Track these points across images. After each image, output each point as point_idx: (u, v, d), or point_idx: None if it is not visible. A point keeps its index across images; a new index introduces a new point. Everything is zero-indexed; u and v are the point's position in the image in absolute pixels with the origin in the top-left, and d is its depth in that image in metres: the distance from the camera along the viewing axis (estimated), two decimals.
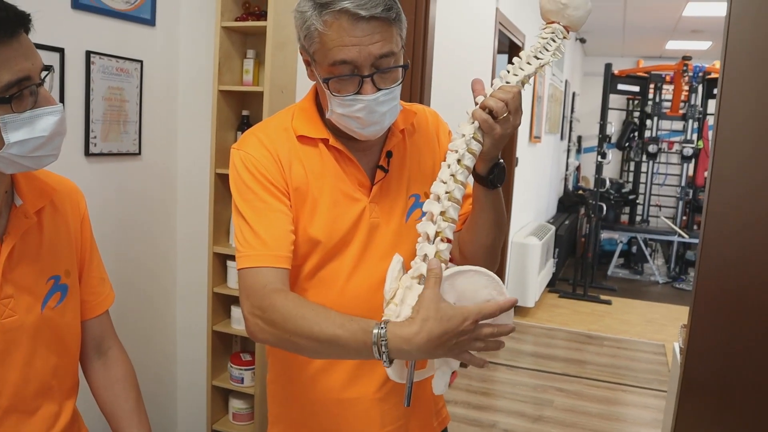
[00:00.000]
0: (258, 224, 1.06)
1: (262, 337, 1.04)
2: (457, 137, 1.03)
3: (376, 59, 1.01)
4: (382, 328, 0.91)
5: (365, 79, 1.02)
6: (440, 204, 1.00)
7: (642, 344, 4.86)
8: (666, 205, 8.17)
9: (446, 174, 1.01)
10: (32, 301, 1.04)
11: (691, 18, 6.34)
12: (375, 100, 1.04)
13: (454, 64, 3.38)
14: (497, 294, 0.97)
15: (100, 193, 2.04)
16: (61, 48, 1.84)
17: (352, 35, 0.99)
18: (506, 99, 1.01)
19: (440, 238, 0.99)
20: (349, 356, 1.04)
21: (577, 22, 1.11)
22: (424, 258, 0.98)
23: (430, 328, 0.89)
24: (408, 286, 0.97)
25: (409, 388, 1.01)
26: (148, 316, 2.32)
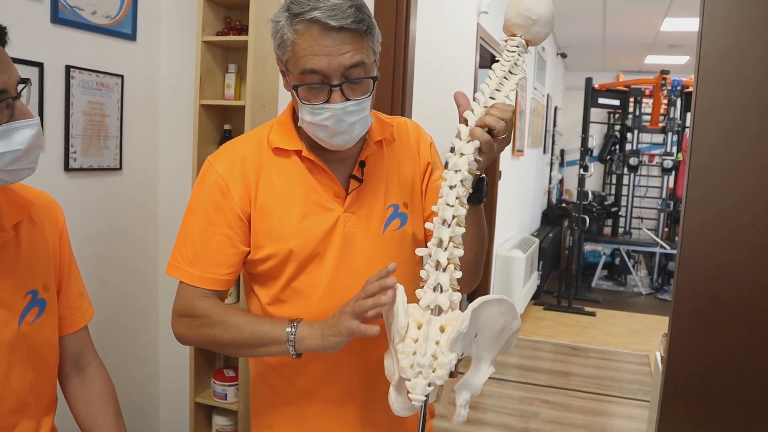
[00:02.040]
0: (199, 243, 1.12)
1: (184, 335, 1.15)
2: (455, 156, 1.00)
3: (345, 69, 1.03)
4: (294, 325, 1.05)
5: (334, 89, 1.03)
6: (449, 229, 0.97)
7: (626, 355, 4.88)
8: (648, 216, 8.26)
9: (452, 197, 0.98)
10: (9, 316, 1.02)
11: (668, 33, 6.46)
12: (343, 109, 1.04)
13: (436, 78, 3.41)
14: (512, 319, 0.96)
15: (80, 208, 2.02)
16: (41, 62, 1.83)
17: (322, 45, 1.01)
18: (506, 118, 1.01)
19: (453, 266, 0.96)
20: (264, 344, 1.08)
21: (540, 38, 1.11)
22: (436, 287, 0.96)
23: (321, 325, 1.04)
24: (427, 320, 0.93)
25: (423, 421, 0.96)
26: (129, 332, 2.30)
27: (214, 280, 1.12)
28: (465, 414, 0.95)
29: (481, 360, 0.96)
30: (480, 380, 0.96)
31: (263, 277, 1.16)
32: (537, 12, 1.07)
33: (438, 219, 0.98)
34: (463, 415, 0.95)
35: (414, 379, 0.90)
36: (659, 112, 7.48)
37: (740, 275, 1.59)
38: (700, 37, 1.66)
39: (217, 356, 2.32)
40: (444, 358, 0.90)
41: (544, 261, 6.55)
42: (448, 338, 0.90)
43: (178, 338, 1.16)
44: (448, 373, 0.90)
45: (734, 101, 1.60)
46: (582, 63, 8.87)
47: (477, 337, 0.94)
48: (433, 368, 0.90)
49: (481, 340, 0.94)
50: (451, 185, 0.99)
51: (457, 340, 0.89)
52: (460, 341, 0.90)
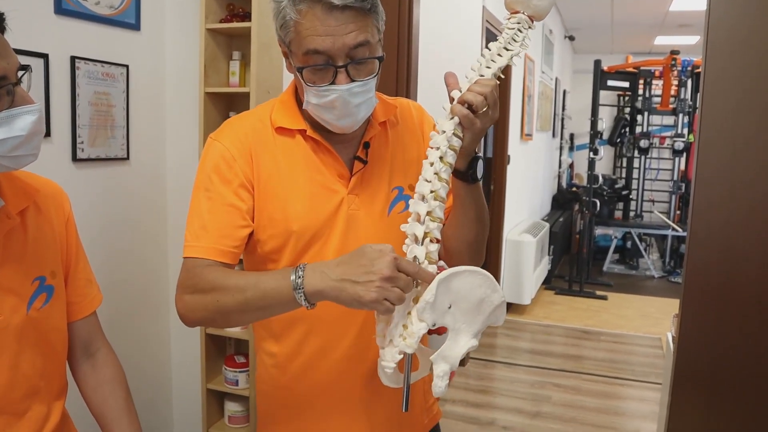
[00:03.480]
0: (207, 214, 1.08)
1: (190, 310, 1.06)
2: (437, 134, 1.02)
3: (350, 49, 1.01)
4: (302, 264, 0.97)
5: (339, 70, 1.02)
6: (426, 204, 0.99)
7: (638, 338, 4.87)
8: (659, 199, 8.20)
9: (430, 173, 1.00)
10: (18, 302, 1.03)
11: (678, 13, 6.37)
12: (348, 90, 1.03)
13: (441, 62, 3.39)
14: (491, 292, 0.96)
15: (88, 198, 2.03)
16: (45, 54, 1.84)
17: (325, 24, 0.99)
18: (485, 92, 1.00)
19: (429, 239, 0.98)
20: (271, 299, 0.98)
21: (542, 12, 1.10)
22: (414, 260, 0.97)
23: (342, 258, 0.95)
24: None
25: (407, 394, 0.99)
26: (141, 320, 2.32)
27: (221, 251, 1.07)
28: (443, 385, 0.96)
29: (459, 332, 0.96)
30: (457, 352, 0.96)
31: (264, 259, 1.14)
32: None
33: (417, 194, 1.00)
34: (440, 386, 0.96)
35: (385, 347, 0.95)
36: (669, 93, 7.41)
37: (750, 256, 1.58)
38: (708, 16, 1.64)
39: (227, 343, 2.33)
40: (413, 327, 0.93)
41: (555, 245, 6.53)
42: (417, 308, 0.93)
43: (183, 316, 1.08)
44: (417, 342, 0.93)
45: (743, 80, 1.59)
46: (590, 45, 8.78)
47: (452, 309, 0.94)
48: (403, 337, 0.94)
49: (457, 313, 0.95)
50: (430, 162, 1.00)
51: (424, 310, 0.92)
52: (428, 311, 0.92)
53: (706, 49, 1.64)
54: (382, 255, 0.91)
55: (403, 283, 0.92)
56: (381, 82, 1.12)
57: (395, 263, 0.91)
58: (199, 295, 1.04)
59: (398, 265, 0.91)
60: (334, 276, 0.93)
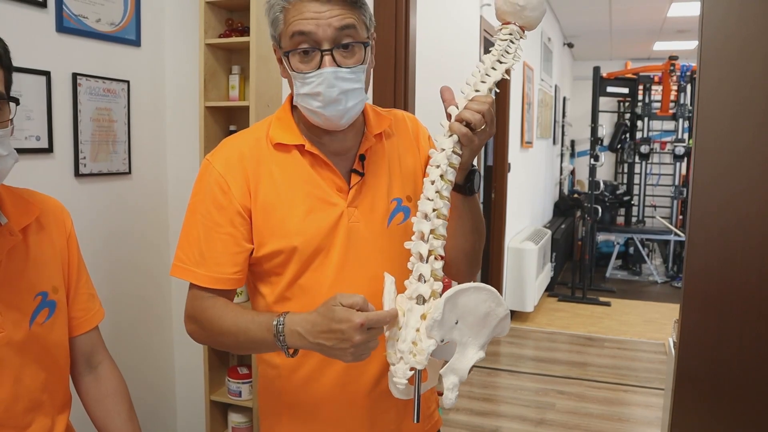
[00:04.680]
0: (204, 243, 1.13)
1: (196, 337, 1.17)
2: (436, 152, 1.03)
3: (335, 32, 1.04)
4: (282, 316, 1.02)
5: (325, 53, 1.04)
6: (429, 222, 1.00)
7: (642, 344, 4.86)
8: (661, 204, 8.20)
9: (431, 191, 1.01)
10: (20, 318, 1.05)
11: (676, 18, 6.41)
12: (334, 73, 1.04)
13: (439, 72, 3.41)
14: (496, 305, 0.98)
15: (91, 213, 2.05)
16: (47, 71, 1.86)
17: (311, 9, 1.03)
18: (482, 110, 1.02)
19: (434, 257, 1.00)
20: (260, 345, 1.08)
21: (533, 22, 1.11)
22: (420, 278, 0.99)
23: (314, 320, 0.98)
24: (409, 308, 0.98)
25: (417, 406, 1.00)
26: (144, 333, 2.33)
27: (221, 279, 1.13)
28: (453, 397, 0.99)
29: (466, 346, 0.99)
30: (466, 365, 0.99)
31: (267, 274, 1.17)
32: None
33: (420, 213, 1.02)
34: (450, 398, 0.99)
35: (396, 364, 0.97)
36: (669, 98, 7.43)
37: (749, 261, 1.59)
38: (702, 22, 1.66)
39: (230, 354, 2.34)
40: (422, 344, 0.95)
41: (557, 252, 6.53)
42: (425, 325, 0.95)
43: (193, 339, 1.18)
44: (427, 358, 0.95)
45: (738, 86, 1.60)
46: (589, 52, 8.82)
47: (458, 323, 0.96)
48: (414, 354, 0.95)
49: (464, 327, 0.97)
50: (431, 180, 1.02)
51: (432, 327, 0.94)
52: (436, 328, 0.94)
53: (701, 56, 1.65)
54: (349, 321, 0.93)
55: (375, 335, 0.96)
56: (378, 92, 1.15)
57: (363, 327, 0.93)
58: (200, 328, 1.14)
59: (367, 324, 0.93)
60: (311, 339, 0.98)
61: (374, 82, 2.46)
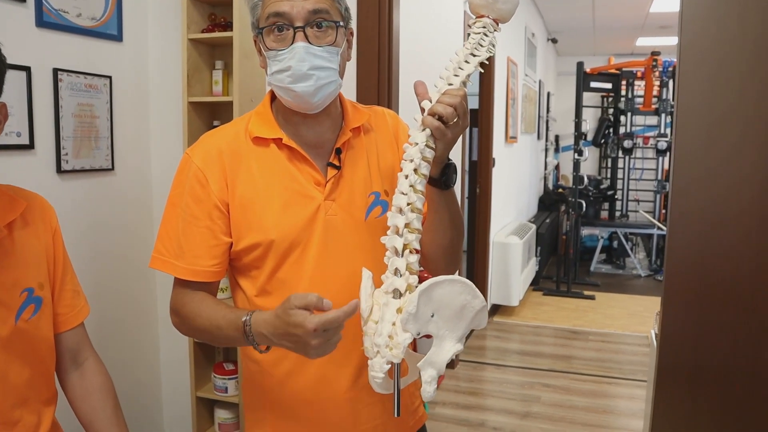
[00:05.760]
0: (183, 236, 1.15)
1: (180, 330, 1.20)
2: (410, 146, 1.04)
3: (308, 13, 1.07)
4: (249, 315, 1.04)
5: (297, 31, 1.07)
6: (404, 216, 1.01)
7: (626, 337, 4.92)
8: (644, 199, 8.28)
9: (405, 185, 1.02)
10: (6, 314, 1.04)
11: (658, 14, 6.46)
12: (305, 48, 1.07)
13: (423, 68, 3.42)
14: (472, 298, 0.98)
15: (74, 209, 2.03)
16: (28, 66, 1.84)
17: None
18: (454, 103, 1.02)
19: (408, 251, 1.01)
20: (235, 342, 1.10)
21: (506, 14, 1.12)
22: (395, 272, 1.00)
23: (274, 323, 0.99)
24: (385, 302, 0.98)
25: (397, 400, 1.01)
26: (129, 329, 2.32)
27: (199, 272, 1.14)
28: (431, 390, 0.99)
29: (443, 339, 0.99)
30: (443, 357, 0.99)
31: (247, 268, 1.17)
32: None
33: (394, 207, 1.02)
34: (429, 391, 0.99)
35: (373, 358, 0.97)
36: (652, 93, 7.49)
37: (728, 254, 1.61)
38: (681, 18, 1.67)
39: (216, 350, 2.34)
40: (398, 338, 0.95)
41: (542, 247, 6.57)
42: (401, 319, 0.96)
43: (178, 331, 1.21)
44: (403, 352, 0.95)
45: (718, 81, 1.62)
46: (573, 47, 8.87)
47: (434, 317, 0.97)
48: (390, 347, 0.96)
49: (440, 321, 0.98)
50: (405, 174, 1.02)
51: (408, 321, 0.95)
52: (411, 321, 0.95)
53: (680, 52, 1.67)
54: (302, 327, 0.93)
55: (333, 334, 0.96)
56: (362, 86, 1.15)
57: (317, 332, 0.93)
58: (181, 321, 1.18)
59: (320, 328, 0.93)
60: (275, 340, 1.00)
61: (357, 76, 2.46)
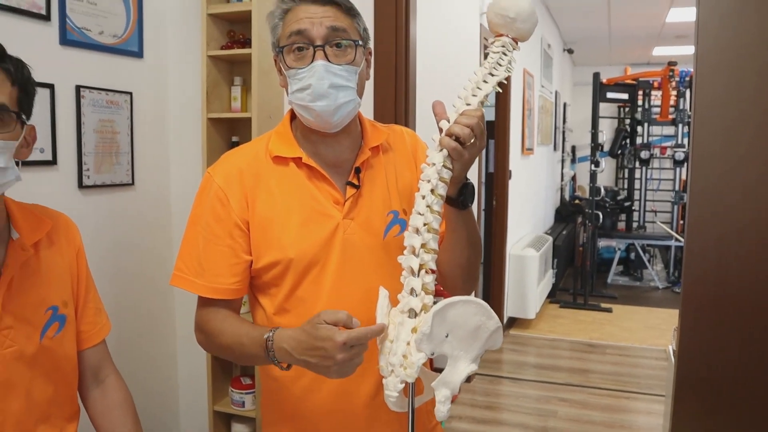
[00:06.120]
0: (204, 254, 1.15)
1: (204, 347, 1.22)
2: (427, 166, 1.04)
3: (328, 30, 1.09)
4: (272, 332, 1.04)
5: (317, 49, 1.09)
6: (420, 236, 1.01)
7: (644, 350, 4.86)
8: (662, 210, 8.20)
9: (422, 206, 1.02)
10: (31, 331, 1.06)
11: (674, 24, 6.43)
12: (325, 66, 1.08)
13: (439, 82, 3.43)
14: (487, 319, 0.98)
15: (95, 224, 2.06)
16: (51, 84, 1.88)
17: (308, 12, 1.10)
18: (471, 124, 1.02)
19: (424, 271, 1.01)
20: (255, 359, 1.11)
21: (525, 34, 1.12)
22: (411, 292, 1.00)
23: (299, 337, 1.00)
24: (400, 322, 0.98)
25: (412, 420, 1.01)
26: (148, 345, 2.34)
27: (220, 289, 1.15)
28: (445, 410, 0.98)
29: (458, 359, 0.98)
30: (458, 378, 0.98)
31: (266, 286, 1.18)
32: (514, 10, 1.08)
33: (411, 227, 1.02)
34: (443, 411, 0.98)
35: (388, 377, 0.97)
36: (669, 104, 7.44)
37: (747, 266, 1.59)
38: (698, 28, 1.67)
39: (233, 365, 2.35)
40: (412, 358, 0.95)
41: (559, 258, 6.53)
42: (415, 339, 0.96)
43: (203, 348, 1.23)
44: (417, 371, 0.95)
45: (735, 91, 1.61)
46: (589, 58, 8.84)
47: (449, 337, 0.97)
48: (404, 367, 0.96)
49: (454, 341, 0.97)
50: (422, 195, 1.03)
51: (422, 341, 0.95)
52: (425, 341, 0.95)
53: (697, 62, 1.66)
54: (331, 340, 0.94)
55: (358, 354, 0.97)
56: (380, 102, 1.16)
57: (345, 346, 0.94)
58: (205, 338, 1.19)
59: (348, 342, 0.94)
60: (297, 356, 1.00)
61: (374, 93, 2.47)
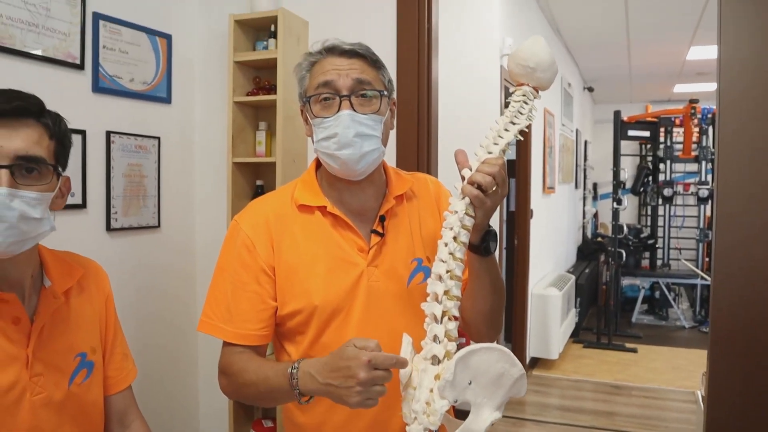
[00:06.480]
0: (232, 300, 1.17)
1: (225, 391, 1.20)
2: (450, 214, 1.05)
3: (354, 82, 1.12)
4: (298, 362, 1.04)
5: (343, 99, 1.11)
6: (443, 283, 1.02)
7: (671, 392, 4.75)
8: (686, 247, 8.09)
9: (445, 253, 1.03)
10: (60, 378, 1.08)
11: (695, 61, 6.44)
12: (350, 116, 1.11)
13: (461, 125, 3.46)
14: (510, 366, 0.98)
15: (122, 266, 2.10)
16: (83, 130, 1.94)
17: (334, 64, 1.13)
18: (493, 172, 1.03)
19: (447, 318, 1.01)
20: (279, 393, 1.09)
21: (546, 83, 1.13)
22: (434, 339, 1.00)
23: (326, 360, 1.00)
24: (423, 369, 0.99)
25: None
26: (170, 386, 2.34)
27: (247, 335, 1.16)
28: None
29: (481, 406, 0.98)
30: (481, 425, 0.97)
31: (291, 333, 1.19)
32: (534, 60, 1.10)
33: (433, 274, 1.03)
34: None
35: (411, 424, 0.97)
36: (691, 141, 7.39)
37: None
38: (719, 66, 1.68)
39: (255, 407, 2.34)
40: (435, 405, 0.95)
41: (582, 297, 6.45)
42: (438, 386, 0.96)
43: (224, 393, 1.21)
44: (440, 419, 0.95)
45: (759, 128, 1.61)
46: (609, 95, 8.86)
47: (472, 384, 0.96)
48: (427, 414, 0.95)
49: (478, 388, 0.97)
50: (444, 242, 1.04)
51: (445, 388, 0.94)
52: (448, 388, 0.94)
53: (720, 100, 1.67)
54: (356, 358, 0.94)
55: (381, 379, 0.95)
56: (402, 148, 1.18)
57: (370, 365, 0.94)
58: (228, 381, 1.17)
59: (374, 364, 0.94)
60: (321, 380, 0.99)
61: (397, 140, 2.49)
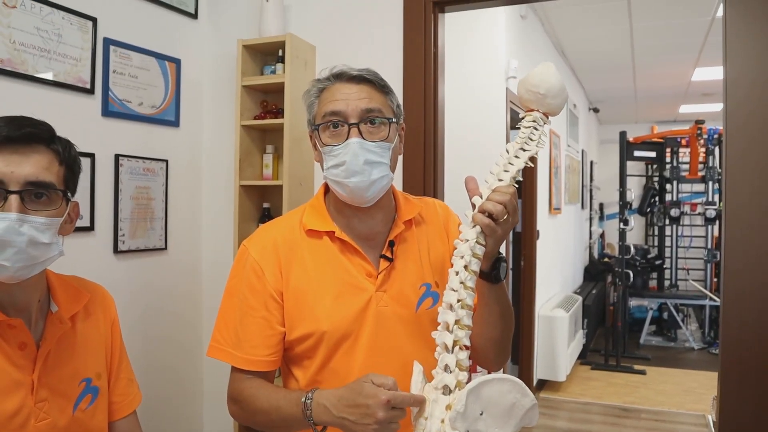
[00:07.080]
0: (240, 326, 1.17)
1: (237, 418, 1.21)
2: (461, 242, 1.05)
3: (362, 112, 1.12)
4: (311, 391, 1.05)
5: (352, 127, 1.12)
6: (454, 312, 1.02)
7: (681, 415, 4.69)
8: (694, 267, 8.04)
9: (456, 282, 1.03)
10: (65, 404, 1.08)
11: (700, 82, 6.45)
12: (359, 143, 1.11)
13: (467, 148, 3.46)
14: (521, 396, 0.97)
15: (129, 288, 2.10)
16: (92, 153, 1.95)
17: (342, 91, 1.13)
18: (504, 201, 1.03)
19: (459, 347, 1.01)
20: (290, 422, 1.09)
21: (556, 108, 1.14)
22: (446, 368, 1.00)
23: (342, 394, 0.99)
24: (434, 399, 0.98)
25: None
26: (175, 409, 2.33)
27: (256, 361, 1.16)
28: None
29: None
30: None
31: (299, 358, 1.19)
32: (544, 87, 1.11)
33: (444, 304, 1.03)
34: None
35: None
36: (698, 161, 7.38)
37: None
38: (725, 87, 1.69)
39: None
40: None
41: (589, 319, 6.40)
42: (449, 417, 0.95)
43: (235, 419, 1.22)
44: None
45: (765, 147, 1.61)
46: (615, 116, 8.88)
47: (483, 415, 0.96)
48: None
49: (489, 418, 0.96)
50: (455, 271, 1.03)
51: (456, 419, 0.94)
52: (459, 419, 0.94)
53: (726, 121, 1.68)
54: (375, 397, 0.94)
55: (397, 417, 0.96)
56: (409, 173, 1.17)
57: (389, 405, 0.94)
58: (239, 408, 1.17)
59: (392, 401, 0.94)
60: (336, 413, 0.99)
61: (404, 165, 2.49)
